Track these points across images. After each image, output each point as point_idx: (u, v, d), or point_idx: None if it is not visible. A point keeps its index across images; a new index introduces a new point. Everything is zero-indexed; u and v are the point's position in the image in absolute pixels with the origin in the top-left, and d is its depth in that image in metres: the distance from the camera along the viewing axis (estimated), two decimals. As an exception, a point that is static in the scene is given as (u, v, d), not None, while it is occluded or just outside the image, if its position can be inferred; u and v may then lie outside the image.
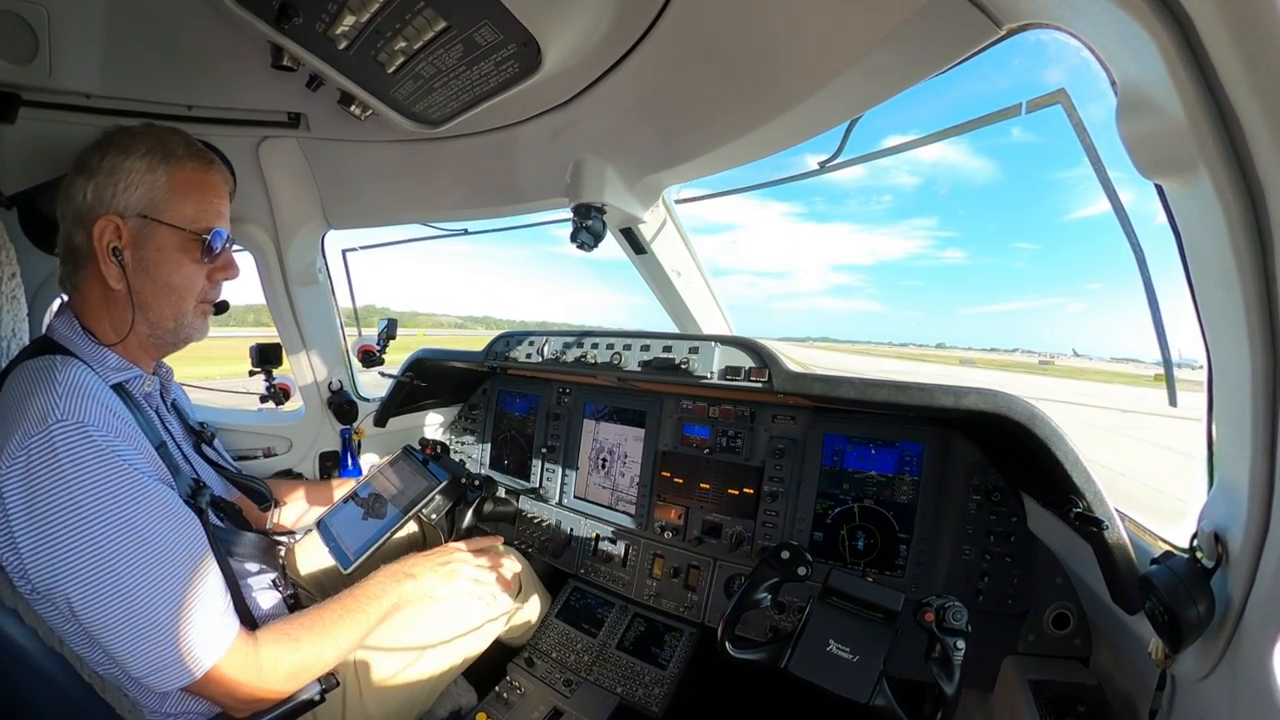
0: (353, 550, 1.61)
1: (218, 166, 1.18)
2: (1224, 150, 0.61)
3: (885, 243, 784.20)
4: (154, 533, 0.92)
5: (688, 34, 1.05)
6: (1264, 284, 0.64)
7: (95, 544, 0.87)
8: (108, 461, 0.90)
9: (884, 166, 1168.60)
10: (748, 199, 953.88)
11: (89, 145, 1.09)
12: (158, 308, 1.12)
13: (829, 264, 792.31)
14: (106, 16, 1.16)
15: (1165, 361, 1.09)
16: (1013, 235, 47.34)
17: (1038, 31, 0.84)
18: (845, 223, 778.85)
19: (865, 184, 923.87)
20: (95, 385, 0.97)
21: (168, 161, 1.09)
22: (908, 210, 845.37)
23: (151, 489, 0.95)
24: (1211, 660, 0.78)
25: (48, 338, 1.06)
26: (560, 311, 54.62)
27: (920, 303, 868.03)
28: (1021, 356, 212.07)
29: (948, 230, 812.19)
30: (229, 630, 0.99)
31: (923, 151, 23.92)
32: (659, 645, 1.73)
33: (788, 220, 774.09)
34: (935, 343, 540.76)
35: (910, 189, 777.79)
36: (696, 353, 1.55)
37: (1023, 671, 1.23)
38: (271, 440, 2.20)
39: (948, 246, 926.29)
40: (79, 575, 0.86)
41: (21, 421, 0.88)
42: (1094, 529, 1.03)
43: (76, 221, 1.07)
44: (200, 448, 1.36)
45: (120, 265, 1.05)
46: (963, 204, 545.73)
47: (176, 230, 1.10)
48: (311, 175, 1.77)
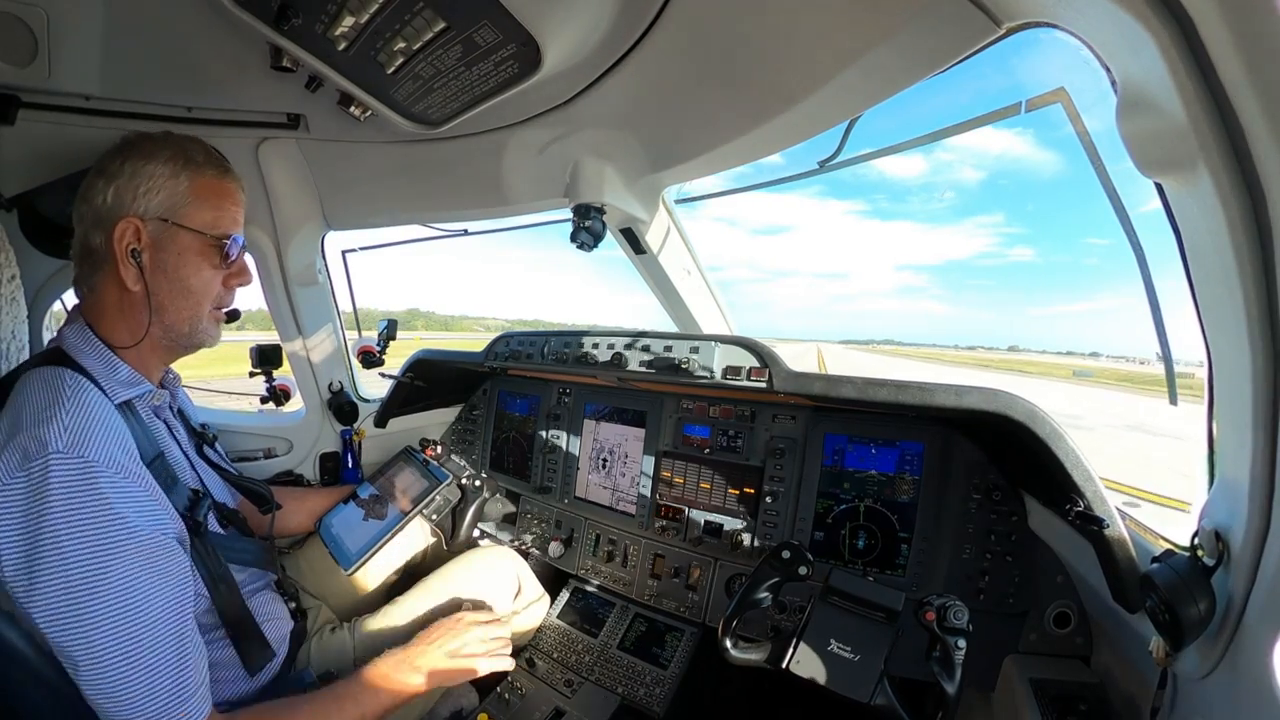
0: (354, 551, 1.61)
1: (234, 174, 1.19)
2: (1224, 149, 0.61)
3: (951, 241, 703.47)
4: (132, 596, 0.88)
5: (687, 34, 1.05)
6: (1264, 282, 0.64)
7: (70, 590, 0.83)
8: (99, 508, 0.87)
9: (946, 161, 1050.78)
10: (806, 197, 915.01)
11: (109, 150, 1.10)
12: (174, 310, 1.12)
13: (892, 263, 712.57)
14: (106, 18, 1.15)
15: (1166, 361, 1.09)
16: (1084, 231, 45.66)
17: (1037, 30, 0.84)
18: (908, 220, 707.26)
19: (928, 180, 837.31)
20: (99, 408, 0.95)
21: (189, 167, 1.10)
22: (973, 207, 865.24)
23: (140, 545, 0.90)
24: (1213, 659, 0.78)
25: (59, 348, 1.05)
26: (625, 314, 53.53)
27: (989, 303, 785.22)
28: (1108, 363, 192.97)
29: (1015, 226, 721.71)
30: (198, 714, 0.94)
31: (987, 144, 23.04)
32: (660, 645, 1.73)
33: (849, 219, 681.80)
34: (1007, 345, 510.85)
35: (975, 184, 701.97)
36: (697, 352, 1.55)
37: (1024, 670, 1.23)
38: (272, 441, 2.20)
39: (1016, 244, 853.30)
40: (49, 614, 0.83)
41: (23, 440, 0.86)
42: (1095, 527, 1.03)
43: (95, 223, 1.07)
44: (202, 450, 1.36)
45: (139, 267, 1.06)
46: (1030, 199, 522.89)
47: (196, 235, 1.11)
48: (311, 176, 1.77)
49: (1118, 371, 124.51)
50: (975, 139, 31.96)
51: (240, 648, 1.15)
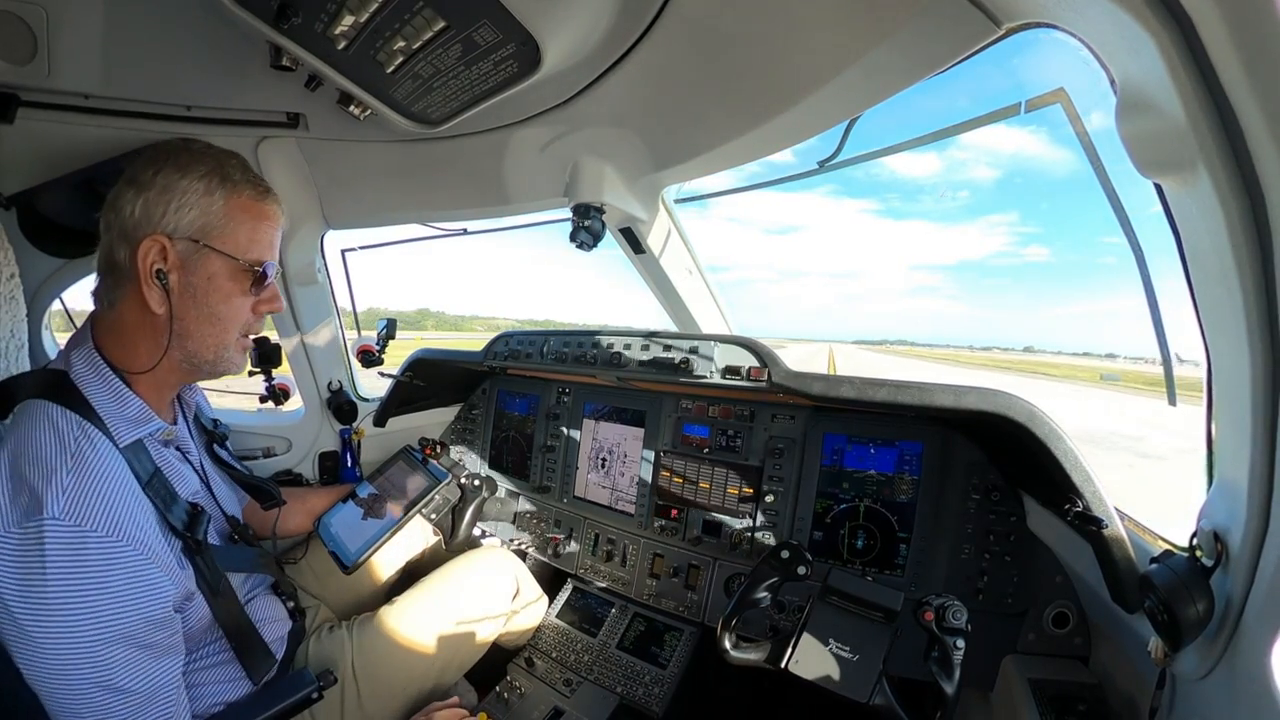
0: (353, 551, 1.61)
1: (274, 196, 1.13)
2: (1223, 149, 0.61)
3: (965, 240, 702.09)
4: (113, 671, 0.86)
5: (688, 33, 1.05)
6: (1264, 283, 0.64)
7: (50, 657, 0.82)
8: (91, 581, 0.84)
9: (960, 159, 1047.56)
10: (817, 195, 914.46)
11: (144, 154, 1.03)
12: (199, 337, 1.05)
13: (906, 263, 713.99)
14: (105, 17, 1.15)
15: (1165, 361, 1.09)
16: (1099, 230, 44.04)
17: (1038, 31, 0.84)
18: (922, 219, 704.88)
19: (941, 178, 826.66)
20: (102, 463, 0.91)
21: (225, 186, 1.04)
22: (987, 205, 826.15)
23: (129, 621, 0.88)
24: (1211, 659, 0.78)
25: (65, 377, 0.97)
26: (650, 315, 45.27)
27: (1003, 303, 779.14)
28: (1125, 364, 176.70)
29: (1030, 226, 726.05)
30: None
31: (1001, 142, 22.86)
32: (659, 645, 1.74)
33: (862, 218, 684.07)
34: (1022, 346, 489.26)
35: (989, 183, 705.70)
36: (697, 352, 1.55)
37: (1022, 670, 1.23)
38: (271, 440, 2.20)
39: (1030, 243, 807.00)
40: (30, 667, 0.83)
41: (23, 496, 0.84)
42: (1093, 528, 1.03)
43: (121, 236, 1.00)
44: (212, 447, 1.36)
45: (164, 289, 0.99)
46: (1045, 197, 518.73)
47: (228, 259, 1.04)
48: (310, 175, 1.77)
49: (1142, 374, 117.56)
50: (988, 137, 30.67)
51: (244, 661, 1.15)
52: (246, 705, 1.14)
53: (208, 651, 1.12)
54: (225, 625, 1.11)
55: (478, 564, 1.74)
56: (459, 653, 1.57)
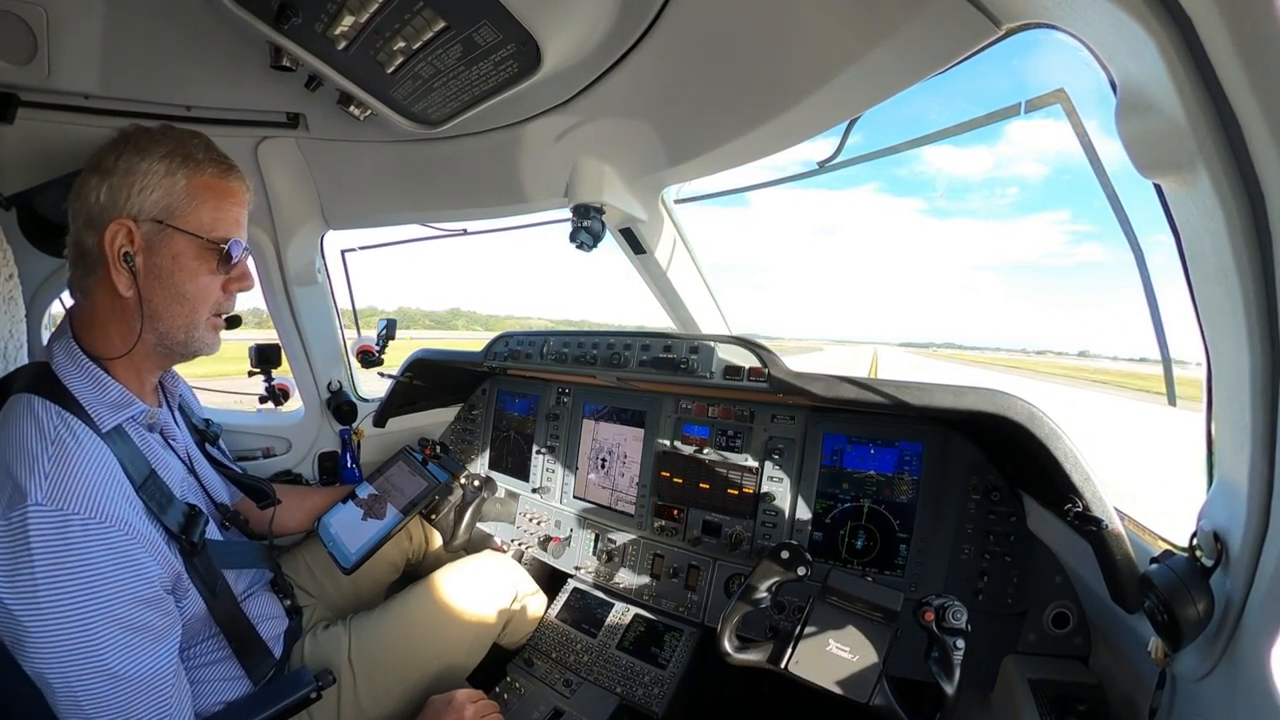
0: (353, 551, 1.61)
1: (238, 174, 1.13)
2: (1223, 150, 0.61)
3: (1016, 238, 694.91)
4: (106, 653, 0.87)
5: (687, 34, 1.05)
6: (1264, 283, 0.64)
7: (46, 642, 0.83)
8: (77, 563, 0.85)
9: (1009, 155, 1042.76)
10: (859, 194, 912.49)
11: (105, 143, 1.04)
12: (169, 318, 1.06)
13: (955, 263, 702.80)
14: (105, 17, 1.15)
15: (1164, 361, 1.09)
16: (1153, 227, 42.55)
17: (1037, 31, 0.84)
18: (969, 218, 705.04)
19: (989, 175, 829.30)
20: (84, 449, 0.92)
21: (187, 165, 1.04)
22: (1037, 202, 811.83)
23: (119, 602, 0.88)
24: (1211, 659, 0.78)
25: (47, 368, 0.99)
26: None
27: (1056, 304, 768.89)
28: (1197, 371, 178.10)
29: (1082, 224, 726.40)
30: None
31: (1049, 138, 22.14)
32: (659, 645, 1.73)
33: (907, 216, 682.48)
34: (1077, 350, 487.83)
35: (1039, 180, 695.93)
36: (697, 352, 1.55)
37: (1022, 670, 1.23)
38: (271, 441, 2.20)
39: (1083, 241, 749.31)
40: (27, 655, 0.83)
41: (6, 486, 0.85)
42: (1093, 528, 1.03)
43: (88, 223, 1.01)
44: (204, 446, 1.36)
45: (131, 272, 1.00)
46: (1096, 195, 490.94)
47: (193, 238, 1.05)
48: (310, 175, 1.77)
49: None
50: (1033, 132, 28.52)
51: (242, 659, 1.15)
52: (244, 706, 1.13)
53: (205, 649, 1.12)
54: (222, 623, 1.11)
55: (477, 564, 1.74)
56: (458, 653, 1.57)
